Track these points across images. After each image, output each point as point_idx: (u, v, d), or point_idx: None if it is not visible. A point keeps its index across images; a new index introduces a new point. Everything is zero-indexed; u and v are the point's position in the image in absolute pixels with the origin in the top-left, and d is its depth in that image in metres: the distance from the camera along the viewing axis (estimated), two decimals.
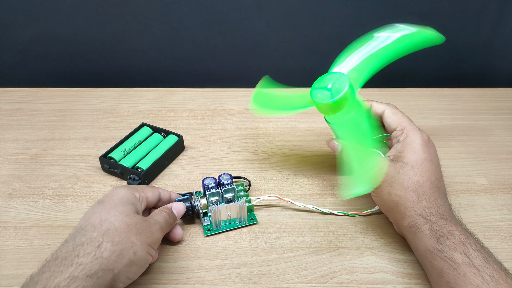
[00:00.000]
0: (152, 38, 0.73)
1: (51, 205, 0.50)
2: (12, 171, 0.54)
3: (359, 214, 0.48)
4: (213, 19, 0.71)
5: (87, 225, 0.36)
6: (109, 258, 0.34)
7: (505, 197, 0.51)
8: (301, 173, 0.55)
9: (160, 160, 0.54)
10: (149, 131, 0.59)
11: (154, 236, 0.38)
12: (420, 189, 0.41)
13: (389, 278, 0.42)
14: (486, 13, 0.71)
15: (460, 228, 0.38)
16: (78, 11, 0.70)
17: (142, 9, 0.70)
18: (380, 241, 0.45)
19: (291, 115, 0.65)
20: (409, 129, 0.44)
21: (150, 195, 0.43)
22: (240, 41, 0.74)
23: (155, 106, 0.68)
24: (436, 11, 0.70)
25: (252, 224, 0.47)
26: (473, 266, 0.35)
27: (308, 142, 0.60)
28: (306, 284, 0.41)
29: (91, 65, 0.76)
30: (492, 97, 0.71)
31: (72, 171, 0.55)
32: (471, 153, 0.58)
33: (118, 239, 0.35)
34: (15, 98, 0.69)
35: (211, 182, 0.48)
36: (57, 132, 0.62)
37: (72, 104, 0.68)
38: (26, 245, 0.45)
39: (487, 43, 0.74)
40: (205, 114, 0.66)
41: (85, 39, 0.73)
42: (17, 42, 0.72)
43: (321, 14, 0.71)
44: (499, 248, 0.44)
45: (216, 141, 0.61)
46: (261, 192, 0.52)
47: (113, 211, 0.37)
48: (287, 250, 0.45)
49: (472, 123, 0.65)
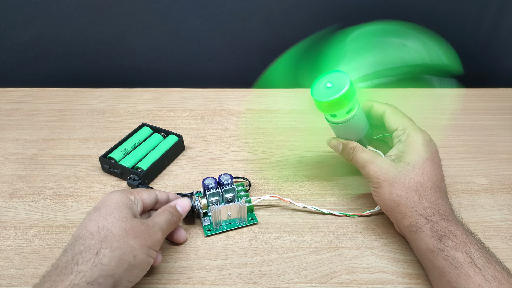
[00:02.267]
0: (152, 38, 0.73)
1: (51, 205, 0.49)
2: (12, 171, 0.54)
3: (359, 215, 0.48)
4: (213, 19, 0.71)
5: (85, 233, 0.36)
6: (109, 264, 0.34)
7: (505, 197, 0.51)
8: (301, 173, 0.55)
9: (160, 160, 0.54)
10: (149, 131, 0.59)
11: (153, 238, 0.38)
12: (421, 189, 0.41)
13: (389, 278, 0.42)
14: (486, 13, 0.71)
15: (461, 228, 0.38)
16: (78, 12, 0.70)
17: (142, 10, 0.70)
18: (380, 241, 0.45)
19: (291, 115, 0.66)
20: (411, 129, 0.44)
21: (146, 197, 0.43)
22: (240, 41, 0.74)
23: (155, 106, 0.68)
24: (436, 11, 0.70)
25: (253, 224, 0.47)
26: (475, 266, 0.35)
27: (308, 142, 0.60)
28: (306, 284, 0.41)
29: (91, 65, 0.75)
30: (492, 97, 0.71)
31: (72, 171, 0.55)
32: (471, 153, 0.58)
33: (117, 244, 0.35)
34: (15, 98, 0.69)
35: (211, 182, 0.48)
36: (57, 132, 0.61)
37: (72, 104, 0.68)
38: (25, 245, 0.45)
39: (487, 43, 0.74)
40: (205, 114, 0.66)
41: (85, 40, 0.73)
42: (17, 43, 0.72)
43: (321, 14, 0.71)
44: (499, 248, 0.44)
45: (216, 141, 0.61)
46: (261, 192, 0.52)
47: (110, 218, 0.37)
48: (287, 250, 0.44)
49: (472, 123, 0.65)
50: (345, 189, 0.52)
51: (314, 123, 0.64)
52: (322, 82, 0.43)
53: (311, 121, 0.64)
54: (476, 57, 0.76)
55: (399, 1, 0.69)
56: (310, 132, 0.62)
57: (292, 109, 0.67)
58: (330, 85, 0.42)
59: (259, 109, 0.67)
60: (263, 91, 0.72)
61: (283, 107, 0.68)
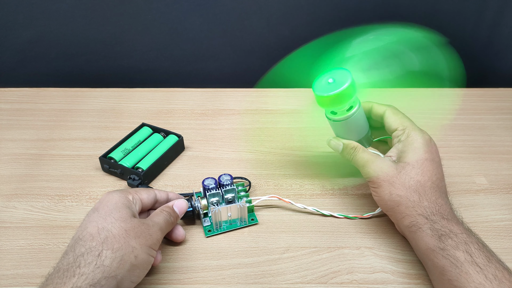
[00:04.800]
0: (152, 38, 0.73)
1: (51, 205, 0.49)
2: (12, 171, 0.54)
3: (360, 217, 0.48)
4: (213, 19, 0.71)
5: (85, 235, 0.36)
6: (111, 265, 0.34)
7: (505, 197, 0.51)
8: (301, 173, 0.55)
9: (160, 160, 0.54)
10: (149, 131, 0.59)
11: (153, 238, 0.38)
12: (421, 189, 0.41)
13: (389, 278, 0.42)
14: (486, 13, 0.71)
15: (461, 227, 0.38)
16: (78, 12, 0.70)
17: (142, 10, 0.70)
18: (380, 241, 0.45)
19: (291, 115, 0.66)
20: (411, 129, 0.44)
21: (145, 197, 0.43)
22: (240, 41, 0.74)
23: (155, 106, 0.68)
24: (436, 11, 0.70)
25: (253, 224, 0.47)
26: (475, 265, 0.35)
27: (308, 142, 0.60)
28: (306, 284, 0.41)
29: (91, 65, 0.76)
30: (492, 97, 0.71)
31: (72, 171, 0.55)
32: (471, 153, 0.58)
33: (118, 245, 0.35)
34: (15, 98, 0.69)
35: (212, 182, 0.48)
36: (57, 132, 0.61)
37: (72, 104, 0.68)
38: (25, 245, 0.45)
39: (487, 43, 0.74)
40: (205, 114, 0.66)
41: (85, 39, 0.73)
42: (17, 43, 0.72)
43: (320, 14, 0.71)
44: (499, 248, 0.44)
45: (216, 141, 0.61)
46: (261, 192, 0.52)
47: (109, 218, 0.37)
48: (287, 250, 0.44)
49: (472, 123, 0.65)
50: (345, 189, 0.52)
51: (314, 123, 0.63)
52: (324, 78, 0.43)
53: (311, 121, 0.64)
54: (476, 57, 0.76)
55: (400, 1, 0.69)
56: (310, 132, 0.62)
57: (292, 109, 0.67)
58: (332, 81, 0.42)
59: (259, 109, 0.67)
60: (263, 91, 0.72)
61: (283, 107, 0.68)
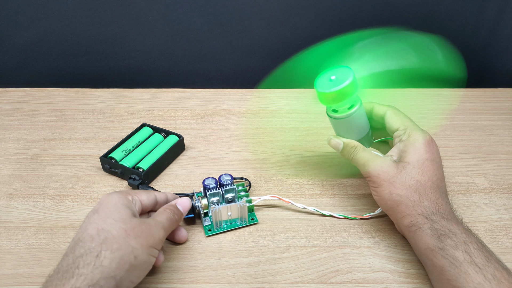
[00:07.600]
0: (152, 39, 0.73)
1: (52, 205, 0.50)
2: (13, 171, 0.55)
3: (360, 217, 0.48)
4: (213, 19, 0.71)
5: (85, 236, 0.36)
6: (110, 265, 0.34)
7: (504, 197, 0.51)
8: (301, 173, 0.55)
9: (160, 160, 0.54)
10: (150, 131, 0.59)
11: (155, 237, 0.38)
12: (421, 189, 0.41)
13: (388, 278, 0.42)
14: (486, 13, 0.71)
15: (461, 227, 0.38)
16: (79, 12, 0.70)
17: (142, 10, 0.70)
18: (380, 241, 0.46)
19: (291, 115, 0.66)
20: (412, 128, 0.44)
21: (145, 198, 0.42)
22: (240, 41, 0.74)
23: (155, 106, 0.68)
24: (436, 12, 0.70)
25: (253, 224, 0.48)
26: (474, 265, 0.35)
27: (308, 142, 0.60)
28: (306, 283, 0.41)
29: (92, 65, 0.76)
30: (491, 97, 0.71)
31: (73, 171, 0.55)
32: (470, 153, 0.59)
33: (117, 246, 0.35)
34: (16, 98, 0.69)
35: (212, 182, 0.48)
36: (58, 132, 0.62)
37: (73, 105, 0.68)
38: (26, 245, 0.45)
39: (487, 43, 0.74)
40: (205, 114, 0.66)
41: (86, 40, 0.73)
42: (18, 43, 0.73)
43: (320, 14, 0.71)
44: (498, 248, 0.45)
45: (216, 141, 0.61)
46: (261, 192, 0.52)
47: (109, 219, 0.37)
48: (287, 250, 0.45)
49: (471, 123, 0.65)
50: (345, 189, 0.53)
51: (314, 123, 0.64)
52: (326, 75, 0.44)
53: (311, 121, 0.64)
54: (476, 57, 0.76)
55: (400, 2, 0.69)
56: (310, 132, 0.62)
57: (292, 109, 0.67)
58: (334, 78, 0.43)
59: (259, 109, 0.67)
60: (263, 91, 0.72)
61: (283, 107, 0.68)
